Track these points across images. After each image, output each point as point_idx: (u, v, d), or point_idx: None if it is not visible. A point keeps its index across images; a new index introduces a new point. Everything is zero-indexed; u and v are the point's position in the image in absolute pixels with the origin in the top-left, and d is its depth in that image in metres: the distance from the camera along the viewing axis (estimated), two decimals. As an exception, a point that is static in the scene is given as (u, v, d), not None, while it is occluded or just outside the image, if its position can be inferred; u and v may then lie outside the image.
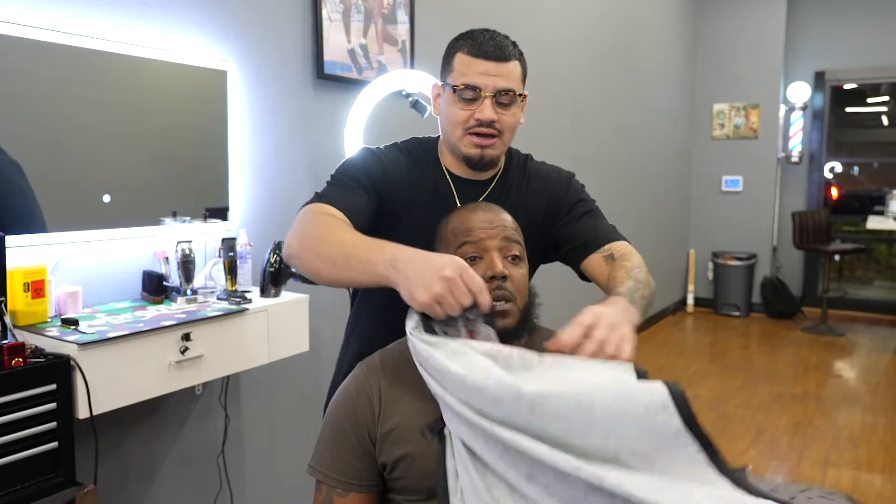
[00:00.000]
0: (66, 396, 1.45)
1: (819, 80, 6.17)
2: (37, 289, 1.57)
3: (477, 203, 1.23)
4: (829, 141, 6.35)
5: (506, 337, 1.08)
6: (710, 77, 6.41)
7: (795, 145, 6.18)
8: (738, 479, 0.80)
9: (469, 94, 1.23)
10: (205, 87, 2.03)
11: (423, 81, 2.63)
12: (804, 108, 6.11)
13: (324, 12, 2.40)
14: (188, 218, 1.97)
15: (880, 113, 6.61)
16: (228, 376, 2.13)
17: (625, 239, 1.34)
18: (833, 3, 6.05)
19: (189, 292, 1.83)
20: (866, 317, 6.20)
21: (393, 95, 2.48)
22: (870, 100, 6.58)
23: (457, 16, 3.10)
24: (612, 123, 4.83)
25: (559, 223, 1.35)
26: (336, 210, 1.18)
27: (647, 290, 1.17)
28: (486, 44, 1.23)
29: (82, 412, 1.47)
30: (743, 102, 6.28)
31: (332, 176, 1.30)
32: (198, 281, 1.91)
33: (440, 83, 1.31)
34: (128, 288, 1.88)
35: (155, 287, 1.85)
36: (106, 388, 1.51)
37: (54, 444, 1.44)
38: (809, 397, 4.12)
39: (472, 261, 1.12)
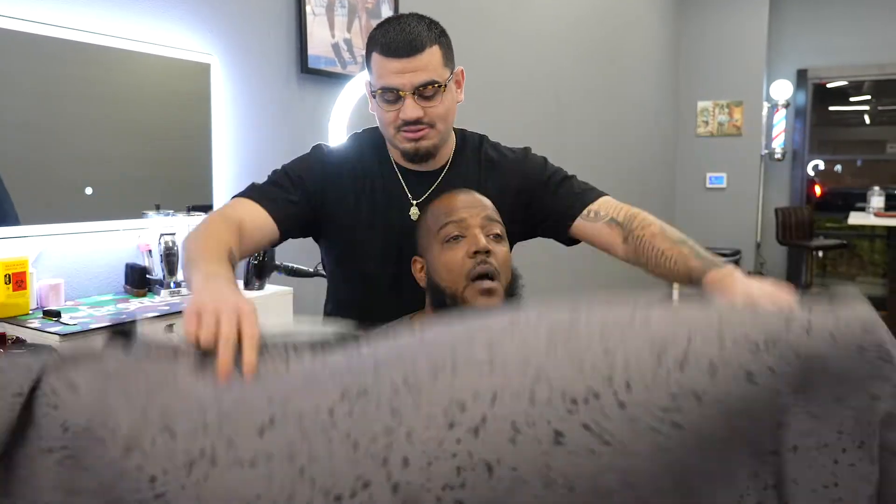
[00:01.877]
0: (47, 388, 1.45)
1: (801, 77, 6.23)
2: (18, 281, 1.57)
3: (457, 189, 1.24)
4: (811, 138, 6.41)
5: None
6: (693, 74, 6.46)
7: (779, 142, 6.24)
8: None
9: (389, 96, 1.19)
10: (188, 81, 2.03)
11: (407, 76, 2.63)
12: (787, 106, 6.17)
13: (308, 7, 2.40)
14: (171, 211, 1.96)
15: (862, 112, 6.69)
16: (213, 370, 2.13)
17: (604, 192, 1.33)
18: (815, 1, 6.11)
19: (172, 285, 1.83)
20: (848, 312, 6.26)
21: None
22: (852, 98, 6.66)
23: (441, 10, 3.11)
24: (596, 120, 4.86)
25: (535, 201, 1.32)
26: (249, 204, 1.19)
27: (693, 240, 1.15)
28: (395, 40, 1.17)
29: (64, 403, 1.46)
30: (726, 100, 6.33)
31: (273, 171, 1.29)
32: (181, 274, 1.90)
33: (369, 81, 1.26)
34: (110, 281, 1.88)
35: (138, 280, 1.85)
36: (88, 379, 1.50)
37: (36, 436, 1.44)
38: (792, 391, 4.16)
39: (455, 240, 1.14)
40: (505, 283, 1.14)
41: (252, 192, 1.23)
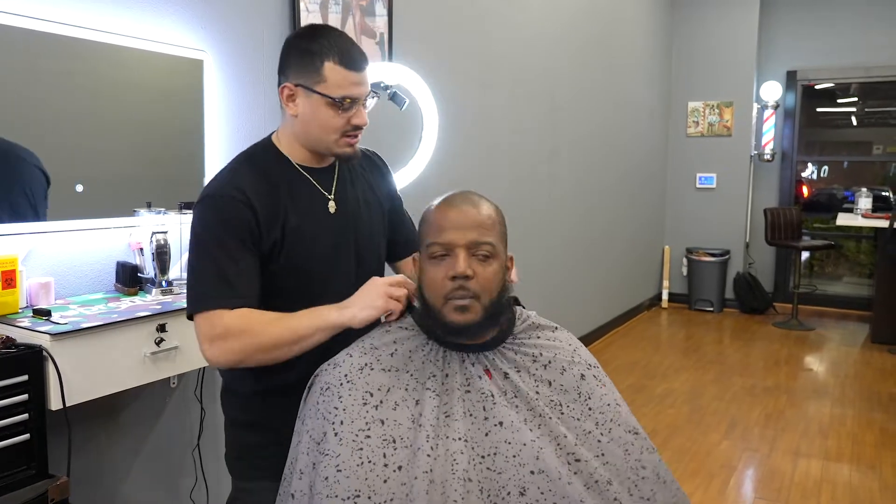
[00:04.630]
0: (38, 387, 1.43)
1: (791, 79, 6.27)
2: (7, 279, 1.54)
3: (456, 197, 1.24)
4: (800, 140, 6.46)
5: (471, 331, 1.17)
6: (684, 75, 6.49)
7: (768, 143, 6.28)
8: None
9: (347, 104, 1.32)
10: (181, 77, 2.01)
11: (401, 74, 2.63)
12: (776, 107, 6.21)
13: (302, 4, 2.39)
14: (163, 209, 1.94)
15: (850, 113, 6.74)
16: (204, 368, 2.11)
17: None
18: (805, 3, 6.15)
19: (164, 283, 1.81)
20: (835, 312, 6.32)
21: (371, 87, 2.47)
22: (840, 100, 6.71)
23: (435, 8, 3.10)
24: (589, 119, 4.87)
25: (394, 215, 1.55)
26: (243, 313, 1.23)
27: None
28: (353, 53, 1.32)
29: (55, 403, 1.44)
30: (717, 101, 6.36)
31: (205, 251, 1.27)
32: (173, 272, 1.88)
33: (294, 85, 1.32)
34: (101, 279, 1.85)
35: (129, 278, 1.83)
36: (79, 379, 1.49)
37: (26, 436, 1.42)
38: (780, 390, 4.20)
39: (440, 258, 1.19)
40: (487, 301, 1.18)
41: (232, 299, 1.24)
